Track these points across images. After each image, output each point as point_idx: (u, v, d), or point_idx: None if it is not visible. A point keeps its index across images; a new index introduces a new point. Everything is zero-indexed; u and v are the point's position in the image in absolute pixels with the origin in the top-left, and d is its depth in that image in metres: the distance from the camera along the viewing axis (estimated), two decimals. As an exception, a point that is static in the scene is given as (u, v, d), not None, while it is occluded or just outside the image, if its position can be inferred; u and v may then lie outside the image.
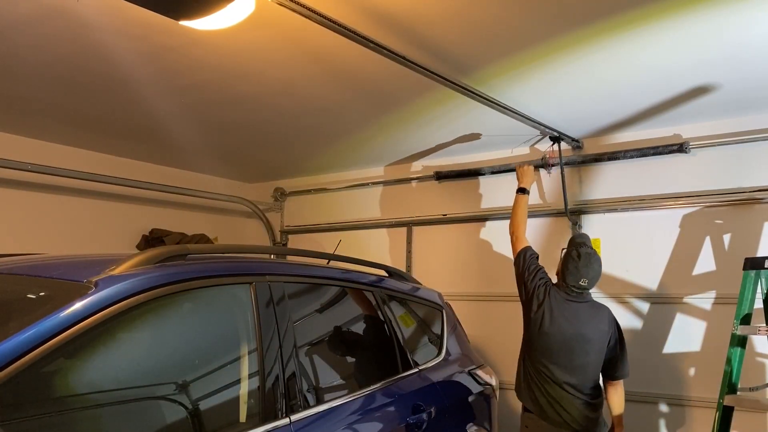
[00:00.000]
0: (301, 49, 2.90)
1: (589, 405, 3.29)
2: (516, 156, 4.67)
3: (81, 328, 1.62)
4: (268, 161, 5.27)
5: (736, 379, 3.28)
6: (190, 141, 4.55)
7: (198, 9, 2.18)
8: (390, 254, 5.25)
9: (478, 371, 3.34)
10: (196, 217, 5.57)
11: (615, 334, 3.34)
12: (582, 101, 3.60)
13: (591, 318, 3.31)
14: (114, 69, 3.12)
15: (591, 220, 4.36)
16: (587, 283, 3.29)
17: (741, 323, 3.27)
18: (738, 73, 3.14)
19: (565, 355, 3.26)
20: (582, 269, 3.26)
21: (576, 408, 3.25)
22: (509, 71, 3.13)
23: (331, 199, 5.69)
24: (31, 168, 4.12)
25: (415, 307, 3.25)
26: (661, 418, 4.02)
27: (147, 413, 1.81)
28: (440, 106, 3.69)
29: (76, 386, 1.69)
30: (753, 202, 3.79)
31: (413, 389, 2.76)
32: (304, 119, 3.99)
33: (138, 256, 1.93)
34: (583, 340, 3.26)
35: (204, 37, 2.72)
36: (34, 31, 2.69)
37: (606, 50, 2.87)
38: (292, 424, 2.05)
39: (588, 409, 3.28)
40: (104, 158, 4.84)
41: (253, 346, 2.09)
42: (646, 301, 4.12)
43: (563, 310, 3.29)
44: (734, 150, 3.86)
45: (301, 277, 2.50)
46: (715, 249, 3.91)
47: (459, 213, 4.95)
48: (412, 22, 2.59)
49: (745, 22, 2.60)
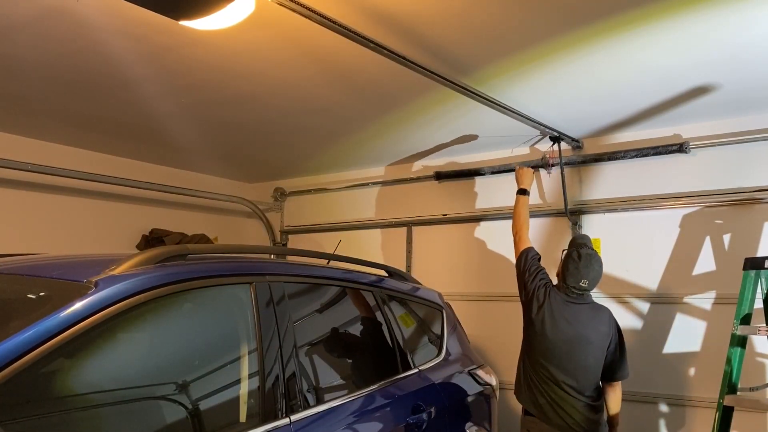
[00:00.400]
0: (301, 49, 2.90)
1: (591, 407, 3.28)
2: (516, 156, 4.67)
3: (81, 328, 1.62)
4: (268, 161, 5.27)
5: (736, 379, 3.28)
6: (190, 141, 4.55)
7: (198, 9, 2.18)
8: (390, 254, 5.25)
9: (478, 371, 3.34)
10: (196, 217, 5.57)
11: (615, 336, 3.33)
12: (582, 101, 3.60)
13: (591, 319, 3.30)
14: (114, 69, 3.12)
15: (591, 220, 4.36)
16: (588, 284, 3.28)
17: (741, 323, 3.26)
18: (738, 73, 3.14)
19: (566, 356, 3.26)
20: (582, 270, 3.25)
21: (577, 410, 3.24)
22: (509, 71, 3.13)
23: (331, 199, 5.69)
24: (31, 168, 4.12)
25: (415, 307, 3.25)
26: (661, 418, 4.02)
27: (147, 413, 1.81)
28: (440, 106, 3.69)
29: (76, 386, 1.69)
30: (753, 202, 3.79)
31: (413, 389, 2.76)
32: (304, 119, 3.99)
33: (138, 256, 1.93)
34: (584, 342, 3.25)
35: (204, 37, 2.72)
36: (34, 31, 2.69)
37: (606, 50, 2.87)
38: (292, 424, 2.05)
39: (590, 412, 3.27)
40: (104, 158, 4.84)
41: (253, 346, 2.09)
42: (646, 301, 4.12)
43: (563, 312, 3.28)
44: (734, 150, 3.86)
45: (301, 277, 2.50)
46: (715, 249, 3.91)
47: (459, 213, 4.95)
48: (412, 22, 2.59)
49: (745, 22, 2.60)
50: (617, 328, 3.37)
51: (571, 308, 3.29)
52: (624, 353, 3.36)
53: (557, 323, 3.27)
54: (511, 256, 4.49)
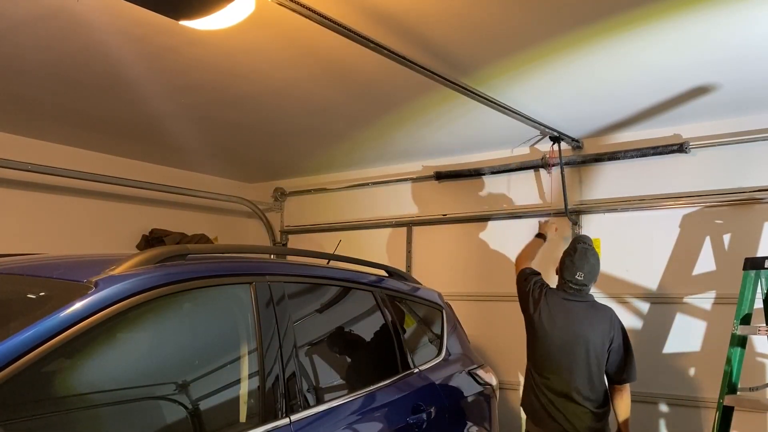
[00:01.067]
0: (301, 49, 2.90)
1: (592, 414, 3.21)
2: (516, 156, 4.67)
3: (81, 328, 1.62)
4: (268, 161, 5.27)
5: (736, 379, 3.28)
6: (190, 141, 4.55)
7: (198, 9, 2.18)
8: (390, 254, 5.25)
9: (478, 371, 3.33)
10: (196, 217, 5.57)
11: (619, 336, 3.27)
12: (582, 101, 3.60)
13: (589, 318, 3.27)
14: (114, 69, 3.12)
15: (591, 220, 4.36)
16: (583, 277, 3.26)
17: (741, 323, 3.26)
18: (738, 73, 3.14)
19: (566, 357, 3.23)
20: (577, 263, 3.26)
21: (577, 416, 3.20)
22: (509, 71, 3.13)
23: (331, 199, 5.69)
24: (31, 168, 4.12)
25: (415, 307, 3.25)
26: (661, 418, 4.02)
27: (147, 413, 1.81)
28: (440, 106, 3.69)
29: (76, 386, 1.69)
30: (753, 202, 3.79)
31: (413, 389, 2.75)
32: (304, 119, 3.99)
33: (138, 256, 1.93)
34: (582, 341, 3.22)
35: (204, 37, 2.72)
36: (34, 31, 2.69)
37: (606, 50, 2.87)
38: (292, 424, 2.05)
39: (591, 419, 3.21)
40: (104, 158, 4.84)
41: (253, 346, 2.09)
42: (646, 301, 4.11)
43: (561, 310, 3.28)
44: (734, 150, 3.86)
45: (301, 277, 2.50)
46: (715, 249, 3.91)
47: (459, 213, 4.95)
48: (412, 22, 2.59)
49: (745, 22, 2.60)
50: (621, 327, 3.32)
51: (568, 306, 3.28)
52: (629, 354, 3.29)
53: (555, 321, 3.26)
54: (511, 255, 4.51)
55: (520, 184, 4.66)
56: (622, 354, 3.28)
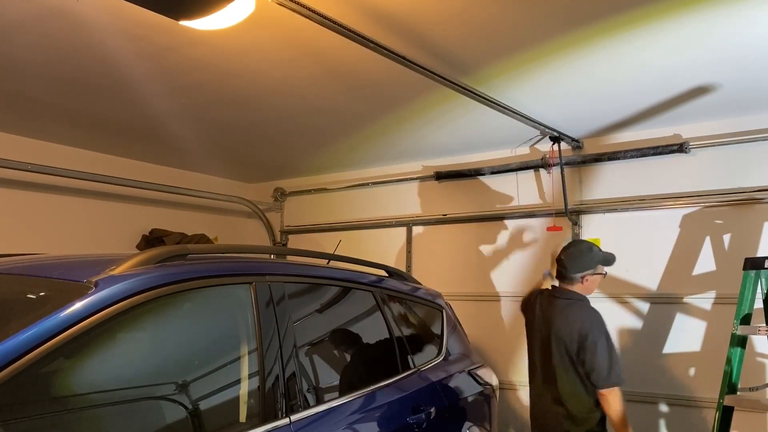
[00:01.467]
0: (301, 49, 2.90)
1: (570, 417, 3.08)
2: (516, 156, 4.67)
3: (81, 328, 1.62)
4: (268, 161, 5.27)
5: (736, 379, 3.28)
6: (190, 141, 4.55)
7: (198, 9, 2.18)
8: (390, 254, 5.25)
9: (478, 371, 3.34)
10: (196, 217, 5.57)
11: (595, 335, 3.02)
12: (582, 101, 3.60)
13: (565, 314, 3.12)
14: (114, 69, 3.12)
15: (591, 220, 4.36)
16: (566, 258, 3.19)
17: (741, 323, 3.26)
18: (738, 73, 3.14)
19: (543, 357, 3.21)
20: (561, 253, 3.28)
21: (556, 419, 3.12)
22: (509, 71, 3.13)
23: (331, 199, 5.69)
24: (31, 168, 4.13)
25: (415, 308, 3.25)
26: (661, 418, 4.02)
27: (147, 413, 1.81)
28: (440, 106, 3.69)
29: (76, 386, 1.69)
30: (753, 202, 3.79)
31: (413, 389, 2.75)
32: (304, 119, 3.99)
33: (138, 256, 1.93)
34: (556, 338, 3.13)
35: (204, 37, 2.72)
36: (35, 31, 2.69)
37: (606, 50, 2.87)
38: (292, 424, 2.05)
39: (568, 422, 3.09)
40: (104, 158, 4.84)
41: (253, 346, 2.09)
42: (646, 301, 4.11)
43: (546, 307, 3.28)
44: (734, 150, 3.86)
45: (301, 277, 2.50)
46: (715, 249, 3.91)
47: (459, 213, 4.95)
48: (412, 22, 2.59)
49: (745, 22, 2.60)
50: (600, 327, 3.07)
51: (553, 302, 3.25)
52: (607, 355, 2.99)
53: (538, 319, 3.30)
54: (511, 255, 4.52)
55: (520, 184, 4.66)
56: (601, 355, 2.99)
